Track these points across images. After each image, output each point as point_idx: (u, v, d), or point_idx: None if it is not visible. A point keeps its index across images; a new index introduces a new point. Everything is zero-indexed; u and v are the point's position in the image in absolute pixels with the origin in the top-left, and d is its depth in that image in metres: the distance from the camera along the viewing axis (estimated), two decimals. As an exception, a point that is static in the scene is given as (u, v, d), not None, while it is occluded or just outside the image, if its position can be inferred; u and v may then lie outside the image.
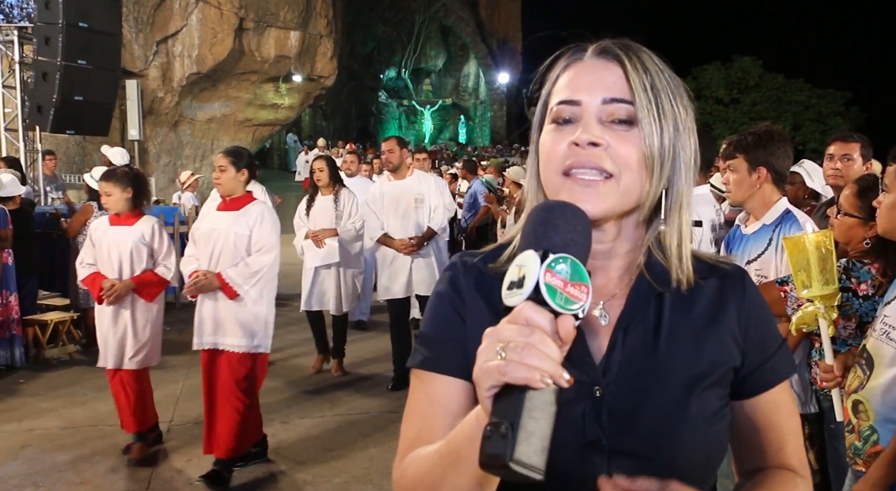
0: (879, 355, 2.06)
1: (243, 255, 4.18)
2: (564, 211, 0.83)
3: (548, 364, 0.73)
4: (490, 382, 0.75)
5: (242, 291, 4.15)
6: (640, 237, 1.03)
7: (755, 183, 2.88)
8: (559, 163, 0.97)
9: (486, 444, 0.72)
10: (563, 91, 1.00)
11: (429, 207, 6.05)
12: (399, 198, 6.03)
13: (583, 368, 0.97)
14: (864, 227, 2.58)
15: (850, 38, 48.18)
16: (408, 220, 6.01)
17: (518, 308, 0.76)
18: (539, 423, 0.72)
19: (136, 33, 16.73)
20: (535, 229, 0.81)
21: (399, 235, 5.97)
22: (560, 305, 0.75)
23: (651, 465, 0.95)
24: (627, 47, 1.00)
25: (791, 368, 1.10)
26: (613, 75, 0.98)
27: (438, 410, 1.02)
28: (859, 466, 2.09)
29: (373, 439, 4.88)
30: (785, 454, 1.07)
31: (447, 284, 1.08)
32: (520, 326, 0.75)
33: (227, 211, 4.23)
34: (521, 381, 0.72)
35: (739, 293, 1.05)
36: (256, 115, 20.43)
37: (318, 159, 6.46)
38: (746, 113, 28.29)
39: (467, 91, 37.01)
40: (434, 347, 1.05)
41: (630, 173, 0.95)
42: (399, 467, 1.01)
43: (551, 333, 0.75)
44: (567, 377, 0.74)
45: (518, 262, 0.78)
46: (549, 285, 0.75)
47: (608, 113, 0.96)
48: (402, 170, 6.11)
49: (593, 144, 0.95)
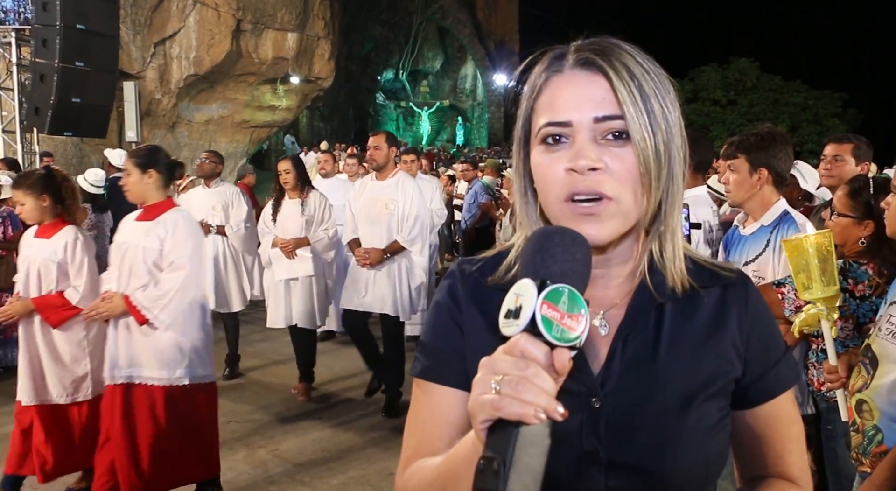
0: (885, 355, 2.06)
1: (155, 272, 3.57)
2: (563, 238, 0.81)
3: (542, 399, 0.72)
4: (484, 415, 0.74)
5: (152, 316, 3.51)
6: (639, 245, 1.02)
7: (756, 184, 2.88)
8: (559, 190, 0.94)
9: (479, 478, 0.72)
10: (548, 110, 0.96)
11: (401, 216, 5.29)
12: (372, 201, 5.39)
13: (581, 379, 0.96)
14: (858, 226, 2.59)
15: (847, 39, 48.29)
16: (376, 227, 5.33)
17: (514, 340, 0.75)
18: (533, 458, 0.72)
19: (134, 35, 16.74)
20: (533, 258, 0.80)
21: (367, 243, 5.33)
22: (556, 337, 0.74)
23: (649, 476, 0.94)
24: (609, 53, 0.95)
25: (795, 376, 1.08)
26: (600, 89, 0.93)
27: (438, 420, 1.02)
28: (865, 467, 2.09)
29: (371, 440, 4.87)
30: (785, 463, 1.06)
31: (446, 293, 1.08)
32: (515, 358, 0.74)
33: (142, 221, 3.63)
34: (515, 416, 0.72)
35: (742, 302, 1.03)
36: (254, 117, 20.44)
37: (284, 160, 5.84)
38: (744, 114, 28.35)
39: (465, 93, 37.02)
40: (433, 357, 1.05)
41: (629, 192, 0.93)
42: (402, 477, 1.01)
43: (546, 365, 0.74)
44: (561, 411, 0.73)
45: (515, 289, 0.77)
46: (545, 317, 0.74)
47: (601, 131, 0.93)
48: (386, 170, 5.42)
49: (592, 169, 0.92)
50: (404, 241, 5.27)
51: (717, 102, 29.46)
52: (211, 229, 6.10)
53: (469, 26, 35.06)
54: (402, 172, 5.55)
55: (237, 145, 20.27)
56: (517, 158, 1.03)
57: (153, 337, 3.56)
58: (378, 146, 5.36)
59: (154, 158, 3.63)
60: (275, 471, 4.43)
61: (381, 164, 5.36)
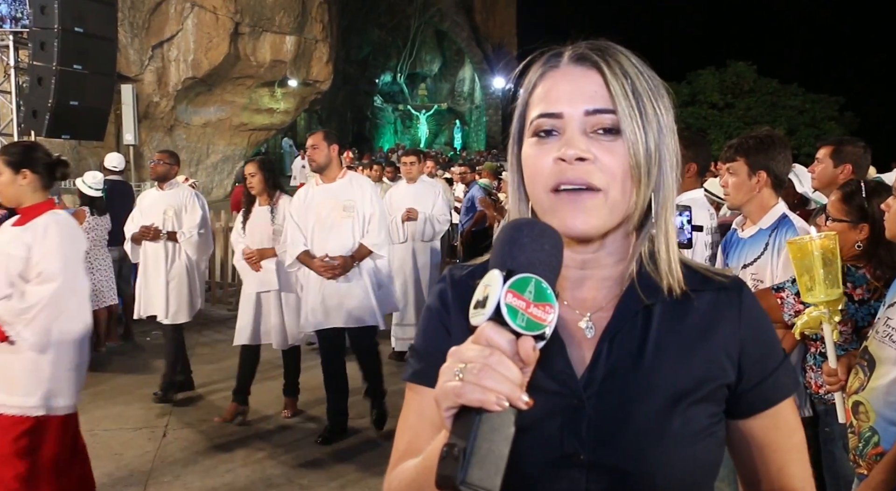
0: (882, 357, 2.06)
1: (20, 283, 3.13)
2: (532, 230, 0.82)
3: (505, 386, 0.72)
4: (447, 403, 0.75)
5: (14, 333, 3.09)
6: (628, 247, 1.01)
7: (754, 187, 2.89)
8: (546, 180, 0.94)
9: (441, 464, 0.72)
10: (542, 103, 0.96)
11: (362, 218, 4.87)
12: (326, 206, 4.87)
13: (563, 381, 0.96)
14: (854, 230, 2.60)
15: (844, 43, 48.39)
16: (336, 233, 4.83)
17: (480, 328, 0.75)
18: (494, 445, 0.72)
19: (132, 38, 16.74)
20: (502, 249, 0.80)
21: (322, 253, 4.82)
22: (521, 326, 0.74)
23: (630, 479, 0.93)
24: (604, 51, 0.96)
25: (794, 385, 1.06)
26: (594, 84, 0.94)
27: (426, 422, 1.02)
28: (862, 469, 2.10)
29: (369, 444, 4.87)
30: (787, 475, 1.03)
31: (436, 297, 1.09)
32: (480, 346, 0.75)
33: (16, 226, 3.24)
34: (476, 402, 0.72)
35: (735, 307, 1.01)
36: (252, 120, 20.44)
37: (250, 162, 5.41)
38: (741, 118, 28.40)
39: (462, 96, 37.03)
40: (422, 360, 1.06)
41: (617, 186, 0.93)
42: (388, 478, 1.02)
43: (511, 353, 0.74)
44: (525, 399, 0.73)
45: (484, 281, 0.78)
46: (510, 306, 0.74)
47: (592, 124, 0.93)
48: (331, 171, 4.94)
49: (580, 159, 0.92)
50: (372, 245, 4.85)
51: (714, 106, 29.50)
52: (162, 235, 5.67)
53: (467, 30, 35.09)
54: (353, 172, 5.14)
55: (235, 148, 20.27)
56: (511, 155, 1.04)
57: (11, 356, 3.12)
58: (316, 145, 4.88)
59: (29, 157, 3.26)
60: (273, 473, 4.42)
61: (321, 165, 4.90)
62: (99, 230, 7.07)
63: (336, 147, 4.93)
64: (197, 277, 5.91)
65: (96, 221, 7.04)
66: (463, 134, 37.12)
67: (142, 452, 4.71)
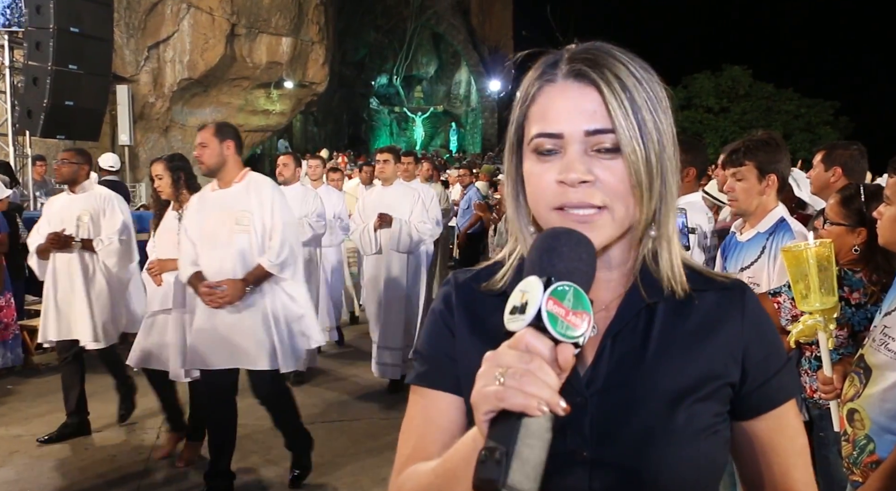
0: (877, 365, 2.06)
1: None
2: (570, 239, 0.84)
3: (546, 392, 0.73)
4: (487, 406, 0.75)
5: None
6: (632, 249, 1.02)
7: (764, 190, 2.87)
8: (550, 200, 0.95)
9: (481, 468, 0.72)
10: (541, 121, 0.96)
11: (260, 233, 3.94)
12: (214, 218, 3.96)
13: (566, 379, 0.96)
14: (851, 234, 2.59)
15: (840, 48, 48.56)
16: (223, 251, 3.90)
17: (519, 334, 0.76)
18: (534, 450, 0.73)
19: (128, 39, 16.72)
20: (541, 256, 0.82)
21: (213, 275, 3.89)
22: (560, 333, 0.75)
23: (633, 477, 0.94)
24: (601, 64, 0.95)
25: (797, 386, 1.07)
26: (592, 102, 0.94)
27: (432, 425, 1.03)
28: (856, 477, 2.09)
29: (363, 446, 4.86)
30: (791, 479, 1.04)
31: (441, 300, 1.10)
32: (520, 352, 0.75)
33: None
34: (519, 407, 0.73)
35: (739, 308, 1.02)
36: (248, 121, 20.41)
37: (157, 162, 4.72)
38: (736, 122, 28.45)
39: (459, 98, 37.06)
40: (428, 363, 1.06)
41: (621, 203, 0.94)
42: (396, 483, 1.01)
43: (550, 360, 0.75)
44: (564, 405, 0.74)
45: (522, 287, 0.78)
46: (550, 313, 0.75)
47: (592, 144, 0.94)
48: (225, 174, 3.97)
49: (582, 182, 0.93)
50: (271, 266, 3.90)
51: (710, 110, 29.55)
52: (74, 243, 4.89)
53: (463, 32, 35.12)
54: (254, 174, 4.11)
55: (231, 149, 20.21)
56: (509, 163, 1.04)
57: None
58: (204, 142, 3.94)
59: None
60: (266, 477, 4.41)
61: (211, 167, 3.94)
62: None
63: (231, 144, 3.96)
64: (122, 291, 5.13)
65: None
66: (459, 136, 37.14)
67: (136, 453, 4.69)
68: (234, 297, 3.83)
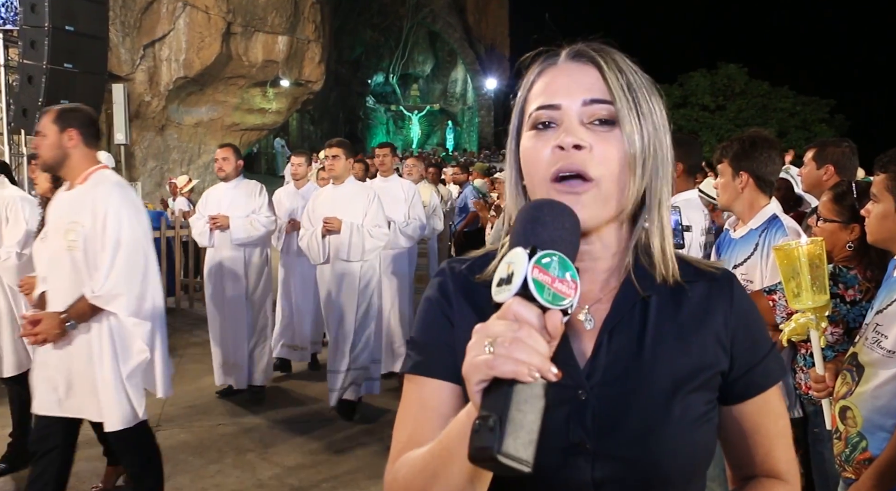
0: (870, 363, 2.07)
1: None
2: (553, 209, 0.85)
3: (535, 358, 0.74)
4: (479, 376, 0.76)
5: None
6: (623, 239, 1.04)
7: (738, 187, 2.95)
8: (545, 169, 0.97)
9: (475, 437, 0.73)
10: (540, 96, 1.00)
11: (91, 252, 3.10)
12: (52, 227, 3.23)
13: (567, 372, 0.97)
14: (845, 231, 2.61)
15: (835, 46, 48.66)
16: (57, 272, 3.18)
17: (507, 304, 0.77)
18: (527, 416, 0.73)
19: (123, 37, 16.68)
20: (524, 227, 0.83)
21: (52, 300, 3.19)
22: (548, 300, 0.76)
23: (635, 467, 0.96)
24: (600, 49, 1.00)
25: (781, 371, 1.11)
26: (590, 77, 0.98)
27: (429, 413, 1.03)
28: (848, 474, 2.10)
29: (360, 442, 4.86)
30: (774, 458, 1.08)
31: (436, 289, 1.10)
32: (508, 321, 0.76)
33: None
34: (509, 374, 0.74)
35: (727, 297, 1.05)
36: (244, 120, 20.39)
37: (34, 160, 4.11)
38: (732, 120, 28.51)
39: (455, 96, 37.10)
40: (424, 352, 1.06)
41: (611, 177, 0.96)
42: (391, 471, 1.02)
43: (539, 327, 0.76)
44: (555, 371, 0.75)
45: (507, 259, 0.79)
46: (536, 281, 0.76)
47: (589, 114, 0.97)
48: (68, 171, 3.20)
49: (577, 147, 0.95)
50: (94, 297, 3.06)
51: (705, 108, 29.61)
52: None
53: (459, 30, 35.14)
54: (103, 173, 3.22)
55: (227, 148, 20.19)
56: (509, 151, 1.06)
57: None
58: (42, 131, 3.15)
59: None
60: (263, 473, 4.41)
61: (48, 162, 3.18)
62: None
63: (76, 133, 3.14)
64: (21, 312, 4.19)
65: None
66: (455, 135, 37.18)
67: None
68: (50, 334, 3.04)
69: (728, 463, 1.14)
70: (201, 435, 5.02)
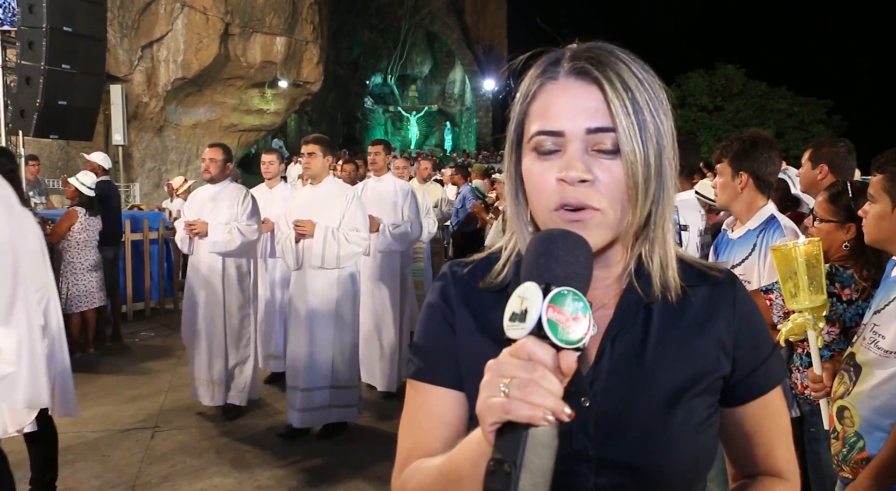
0: (867, 363, 2.07)
1: None
2: (566, 241, 0.82)
3: (550, 401, 0.73)
4: (493, 418, 0.75)
5: None
6: (628, 249, 1.03)
7: (738, 188, 2.95)
8: (549, 199, 0.95)
9: (490, 479, 0.73)
10: (542, 118, 0.96)
11: None
12: None
13: (570, 379, 0.97)
14: (841, 230, 2.61)
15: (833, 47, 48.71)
16: None
17: (521, 343, 0.76)
18: (542, 458, 0.73)
19: (122, 38, 16.67)
20: (538, 260, 0.81)
21: None
22: (562, 339, 0.75)
23: (638, 474, 0.96)
24: (604, 63, 0.94)
25: (783, 372, 1.10)
26: (594, 100, 0.93)
27: (434, 421, 1.03)
28: (846, 473, 2.11)
29: (359, 445, 4.86)
30: (774, 457, 1.08)
31: (438, 294, 1.09)
32: (522, 361, 0.75)
33: None
34: (525, 419, 0.73)
35: (730, 301, 1.05)
36: (242, 121, 20.39)
37: None
38: (730, 120, 28.52)
39: (453, 97, 37.09)
40: (427, 358, 1.06)
41: (617, 206, 0.94)
42: (399, 479, 1.02)
43: (553, 367, 0.75)
44: (568, 412, 0.74)
45: (520, 293, 0.78)
46: (551, 321, 0.75)
47: (593, 143, 0.93)
48: None
49: (582, 181, 0.92)
50: None
51: (703, 108, 29.61)
52: None
53: (457, 31, 35.14)
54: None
55: (225, 149, 20.18)
56: (508, 161, 1.03)
57: None
58: None
59: None
60: (261, 476, 4.41)
61: None
62: (91, 231, 7.05)
63: None
64: None
65: (89, 222, 7.02)
66: (453, 135, 37.17)
67: (129, 454, 4.68)
68: None
69: (729, 462, 1.14)
70: (200, 436, 5.02)
